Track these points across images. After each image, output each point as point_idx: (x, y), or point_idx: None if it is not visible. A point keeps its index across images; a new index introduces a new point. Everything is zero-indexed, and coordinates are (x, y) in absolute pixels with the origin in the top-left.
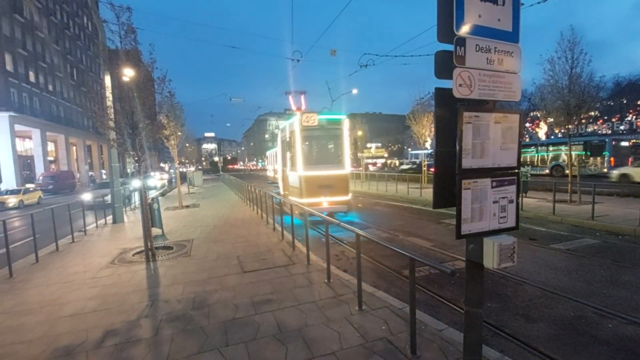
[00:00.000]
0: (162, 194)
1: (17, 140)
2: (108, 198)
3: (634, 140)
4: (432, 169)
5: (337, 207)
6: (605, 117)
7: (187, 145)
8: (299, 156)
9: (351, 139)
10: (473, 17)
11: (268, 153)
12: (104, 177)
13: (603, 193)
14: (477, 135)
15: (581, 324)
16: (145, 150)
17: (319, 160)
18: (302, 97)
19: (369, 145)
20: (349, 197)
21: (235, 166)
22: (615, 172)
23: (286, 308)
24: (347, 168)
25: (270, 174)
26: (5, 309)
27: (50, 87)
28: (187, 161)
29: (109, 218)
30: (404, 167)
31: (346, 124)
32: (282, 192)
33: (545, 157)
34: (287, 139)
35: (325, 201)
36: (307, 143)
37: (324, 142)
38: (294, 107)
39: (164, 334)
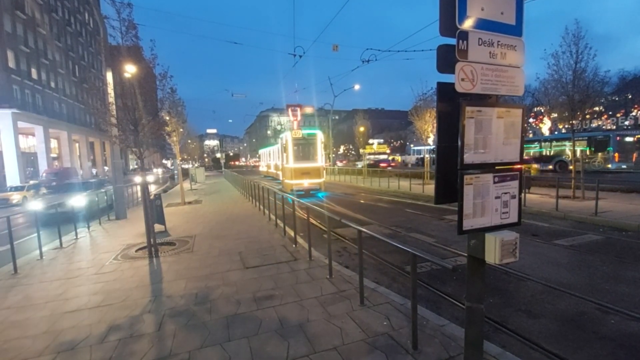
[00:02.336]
0: (164, 191)
1: (20, 137)
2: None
3: (639, 136)
4: (382, 164)
5: (313, 185)
6: (610, 112)
7: (190, 141)
8: (290, 155)
9: (323, 144)
10: (476, 10)
11: (261, 151)
12: (105, 173)
13: (606, 189)
14: (479, 130)
15: (583, 320)
16: (148, 147)
17: (302, 157)
18: (299, 109)
19: (371, 141)
20: (321, 180)
21: (238, 162)
22: None
23: (288, 303)
24: (320, 162)
25: (263, 169)
26: (10, 304)
27: (53, 84)
28: (189, 158)
29: (112, 214)
30: (362, 162)
31: (319, 135)
32: (281, 179)
33: (549, 153)
34: (284, 144)
35: (306, 182)
36: (295, 147)
37: (305, 147)
38: (292, 118)
39: (167, 329)
